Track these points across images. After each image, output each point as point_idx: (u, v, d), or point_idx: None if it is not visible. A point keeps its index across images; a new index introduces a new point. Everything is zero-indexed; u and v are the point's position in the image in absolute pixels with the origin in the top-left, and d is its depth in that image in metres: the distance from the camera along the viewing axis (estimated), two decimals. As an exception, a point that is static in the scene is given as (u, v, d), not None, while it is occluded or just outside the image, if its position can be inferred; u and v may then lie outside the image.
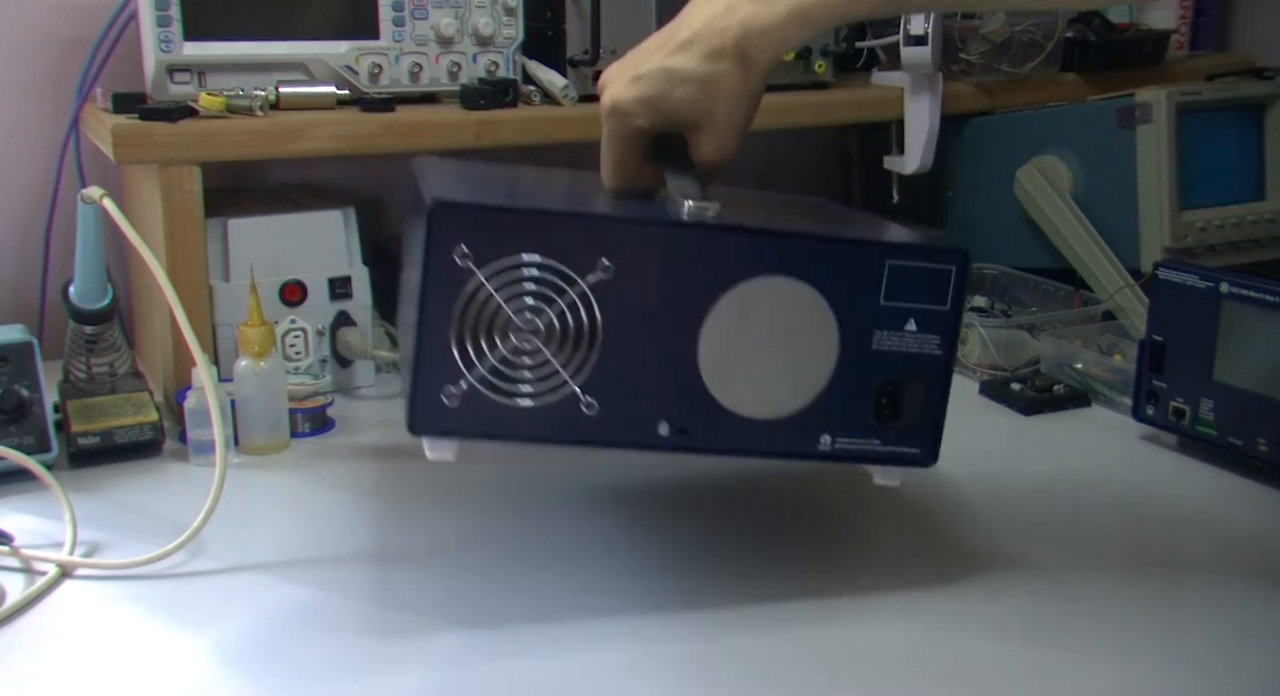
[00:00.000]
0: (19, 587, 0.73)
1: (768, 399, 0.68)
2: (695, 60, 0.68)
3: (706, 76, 0.68)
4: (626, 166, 0.73)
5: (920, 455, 0.71)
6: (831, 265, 0.67)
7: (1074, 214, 1.17)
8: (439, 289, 0.64)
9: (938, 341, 0.69)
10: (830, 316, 0.68)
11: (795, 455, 0.70)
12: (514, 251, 0.64)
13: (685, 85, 0.69)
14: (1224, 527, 0.82)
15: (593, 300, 0.65)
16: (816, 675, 0.64)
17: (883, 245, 0.68)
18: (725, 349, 0.67)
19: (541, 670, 0.64)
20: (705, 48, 0.68)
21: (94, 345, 0.96)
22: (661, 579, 0.74)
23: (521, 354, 0.65)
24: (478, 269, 0.64)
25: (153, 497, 0.86)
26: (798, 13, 0.67)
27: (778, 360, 0.68)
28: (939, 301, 0.69)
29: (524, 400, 0.66)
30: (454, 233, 0.63)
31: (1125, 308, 1.12)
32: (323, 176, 1.25)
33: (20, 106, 1.17)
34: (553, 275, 0.65)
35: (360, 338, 1.07)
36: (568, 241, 0.64)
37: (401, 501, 0.85)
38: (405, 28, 1.08)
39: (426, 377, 0.64)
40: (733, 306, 0.67)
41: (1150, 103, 1.11)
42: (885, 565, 0.76)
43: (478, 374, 0.65)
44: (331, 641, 0.67)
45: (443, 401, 0.65)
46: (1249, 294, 0.85)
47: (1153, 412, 0.93)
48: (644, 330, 0.66)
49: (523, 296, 0.64)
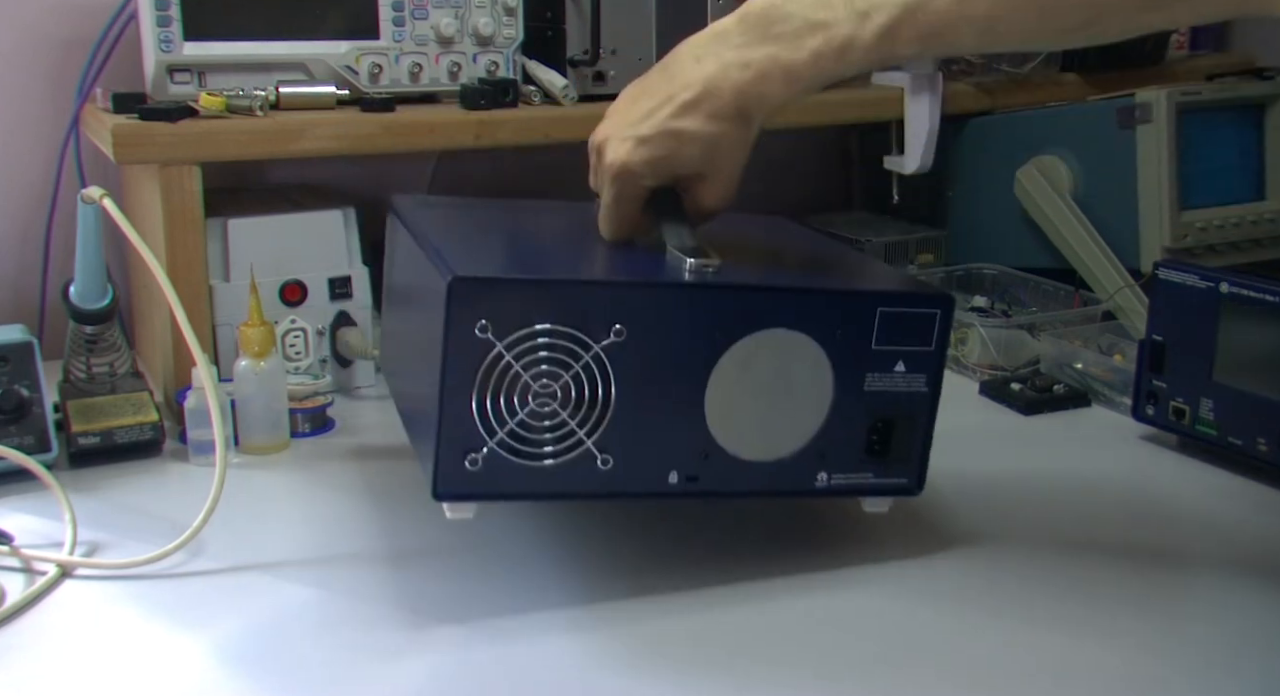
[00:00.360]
0: (19, 587, 0.73)
1: (769, 442, 0.72)
2: (700, 122, 0.70)
3: (711, 136, 0.71)
4: (630, 221, 0.75)
5: (908, 485, 0.76)
6: (828, 315, 0.70)
7: (1074, 214, 1.17)
8: (460, 361, 0.65)
9: (924, 380, 0.74)
10: (826, 362, 0.71)
11: (795, 493, 0.74)
12: (532, 322, 0.66)
13: (692, 145, 0.71)
14: (1224, 527, 0.82)
15: (606, 361, 0.67)
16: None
17: (875, 294, 0.72)
18: (729, 398, 0.70)
19: (542, 669, 0.64)
20: (709, 110, 0.70)
21: (94, 345, 0.96)
22: (659, 567, 0.74)
23: (540, 417, 0.67)
24: (498, 341, 0.65)
25: (153, 497, 0.86)
26: (791, 75, 0.69)
27: (778, 405, 0.71)
28: (925, 343, 0.73)
29: (542, 460, 0.68)
30: (474, 308, 0.65)
31: (1125, 308, 1.12)
32: (323, 176, 1.25)
33: (20, 106, 1.17)
34: (568, 341, 0.67)
35: (360, 338, 1.07)
36: (583, 308, 0.66)
37: (401, 501, 0.85)
38: (405, 28, 1.08)
39: (449, 445, 0.66)
40: (736, 358, 0.69)
41: (1150, 103, 1.11)
42: (885, 565, 0.76)
43: (498, 439, 0.67)
44: (331, 641, 0.67)
45: (466, 467, 0.67)
46: (1249, 294, 0.85)
47: (1153, 412, 0.93)
48: (654, 386, 0.68)
49: (540, 363, 0.66)
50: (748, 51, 0.70)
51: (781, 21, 0.69)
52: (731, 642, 0.67)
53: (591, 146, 0.76)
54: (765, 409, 0.71)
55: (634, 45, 1.14)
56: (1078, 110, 1.21)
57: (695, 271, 0.70)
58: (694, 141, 0.71)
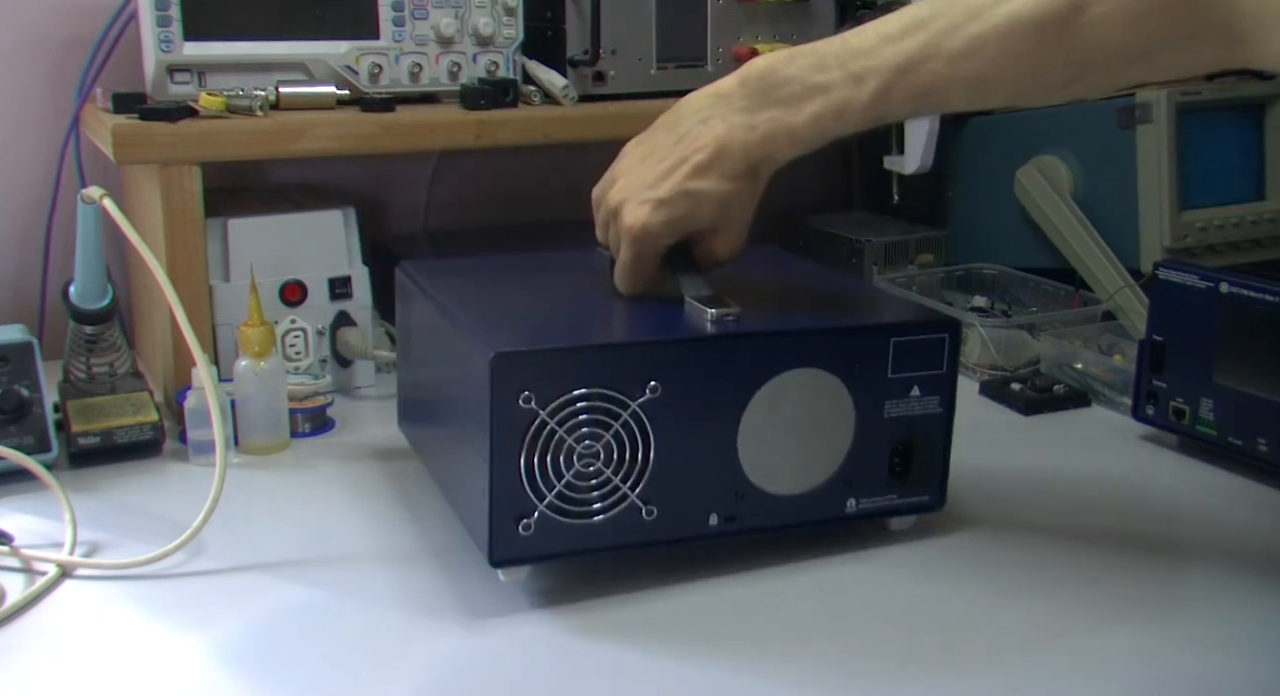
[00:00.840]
0: (19, 587, 0.73)
1: (800, 476, 0.75)
2: (715, 182, 0.73)
3: (725, 194, 0.74)
4: (648, 278, 0.77)
5: (930, 502, 0.79)
6: (846, 351, 0.74)
7: (1074, 214, 1.17)
8: (506, 433, 0.67)
9: (938, 401, 0.77)
10: (846, 395, 0.74)
11: (827, 522, 0.77)
12: (571, 387, 0.68)
13: (707, 204, 0.74)
14: (1224, 527, 0.82)
15: (644, 417, 0.70)
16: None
17: (887, 327, 0.75)
18: (760, 438, 0.73)
19: (542, 668, 0.64)
20: (722, 170, 0.73)
21: (94, 345, 0.96)
22: (659, 564, 0.74)
23: (585, 477, 0.70)
24: (541, 410, 0.67)
25: (153, 497, 0.86)
26: (794, 136, 0.72)
27: (805, 440, 0.74)
28: (936, 367, 0.76)
29: (591, 517, 0.70)
30: (517, 381, 0.67)
31: (1125, 308, 1.12)
32: (323, 176, 1.25)
33: (20, 106, 1.17)
34: (607, 402, 0.69)
35: (360, 337, 1.07)
36: (619, 369, 0.69)
37: (401, 501, 0.85)
38: (405, 28, 1.08)
39: (501, 514, 0.69)
40: (764, 400, 0.72)
41: (1150, 102, 1.11)
42: (884, 565, 0.76)
43: (547, 502, 0.69)
44: (331, 641, 0.67)
45: (520, 533, 0.69)
46: (1249, 294, 0.85)
47: (1153, 412, 0.93)
48: (690, 435, 0.71)
49: (582, 426, 0.69)
50: (752, 115, 0.73)
51: (782, 86, 0.73)
52: (735, 629, 0.67)
53: (601, 205, 0.78)
54: (794, 445, 0.74)
55: (634, 45, 1.15)
56: (1078, 110, 1.21)
57: (718, 322, 0.73)
58: (709, 200, 0.74)
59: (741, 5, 1.18)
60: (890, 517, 0.78)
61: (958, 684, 0.63)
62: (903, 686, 0.63)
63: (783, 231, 1.41)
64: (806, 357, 0.73)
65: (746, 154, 0.73)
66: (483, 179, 1.35)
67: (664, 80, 1.16)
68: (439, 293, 0.80)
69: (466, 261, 0.92)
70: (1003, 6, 0.66)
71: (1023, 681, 0.63)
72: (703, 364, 0.70)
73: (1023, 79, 0.68)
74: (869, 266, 1.29)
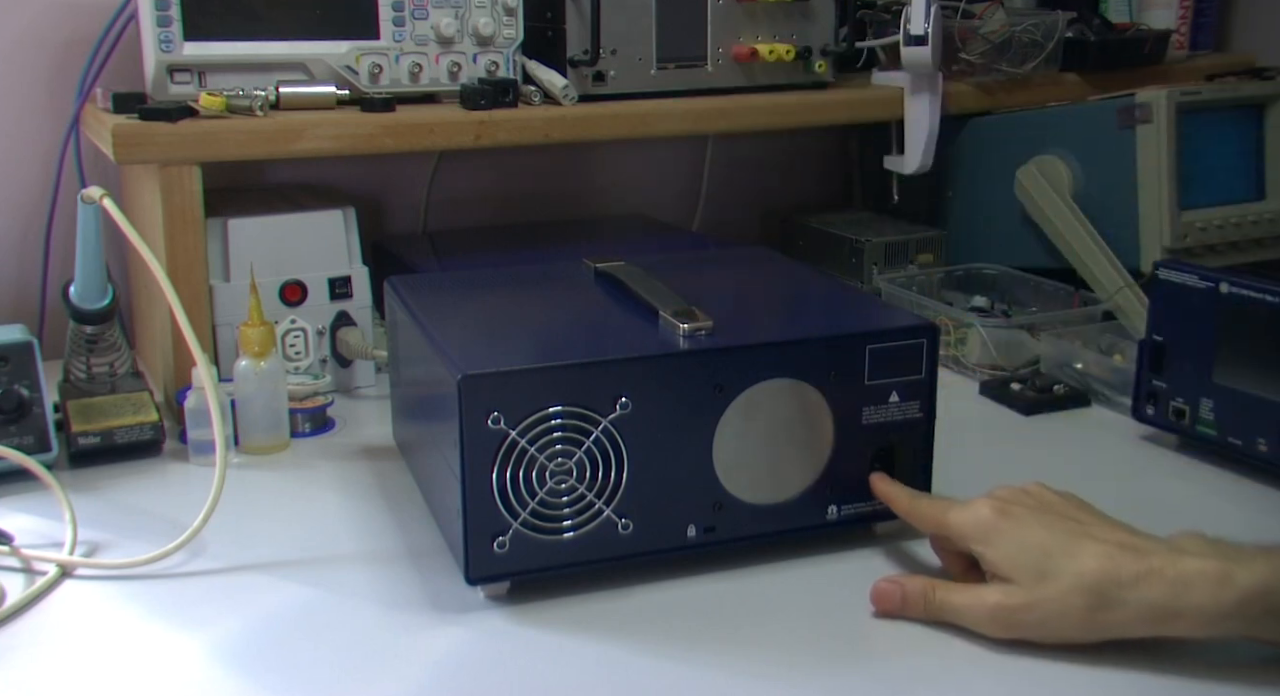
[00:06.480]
0: (19, 587, 0.73)
1: (778, 485, 0.75)
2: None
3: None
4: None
5: None
6: (820, 360, 0.74)
7: (1074, 214, 1.17)
8: (477, 453, 0.68)
9: (918, 405, 0.77)
10: (824, 403, 0.74)
11: (809, 529, 0.76)
12: (541, 406, 0.68)
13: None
14: (1224, 527, 0.81)
15: (615, 433, 0.70)
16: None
17: (862, 334, 0.75)
18: (736, 449, 0.73)
19: (543, 668, 0.64)
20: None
21: (94, 345, 0.96)
22: (658, 563, 0.74)
23: (558, 494, 0.70)
24: (511, 429, 0.67)
25: (153, 497, 0.86)
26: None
27: (783, 450, 0.75)
28: (915, 372, 0.76)
29: (566, 533, 0.71)
30: (485, 402, 0.67)
31: (1125, 308, 1.12)
32: (323, 176, 1.25)
33: (20, 106, 1.17)
34: (577, 419, 0.69)
35: (360, 338, 1.07)
36: (587, 387, 0.69)
37: (401, 502, 0.85)
38: (405, 28, 1.08)
39: (476, 533, 0.69)
40: (738, 411, 0.72)
41: (1150, 103, 1.11)
42: (883, 567, 0.76)
43: (521, 519, 0.70)
44: (331, 641, 0.67)
45: (494, 551, 0.69)
46: (1249, 294, 0.85)
47: (1153, 412, 0.93)
48: (663, 449, 0.71)
49: (554, 444, 0.69)
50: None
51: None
52: (736, 624, 0.67)
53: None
54: (771, 455, 0.74)
55: (634, 45, 1.14)
56: (1078, 110, 1.21)
57: (689, 337, 0.73)
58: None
59: (741, 5, 1.18)
60: (874, 523, 0.78)
61: (957, 683, 0.63)
62: (902, 686, 0.63)
63: (783, 231, 1.41)
64: (780, 369, 0.73)
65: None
66: (483, 179, 1.35)
67: (664, 80, 1.16)
68: (419, 310, 0.80)
69: (449, 276, 0.92)
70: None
71: (1022, 681, 0.63)
72: (673, 379, 0.71)
73: None
74: (869, 266, 1.29)
